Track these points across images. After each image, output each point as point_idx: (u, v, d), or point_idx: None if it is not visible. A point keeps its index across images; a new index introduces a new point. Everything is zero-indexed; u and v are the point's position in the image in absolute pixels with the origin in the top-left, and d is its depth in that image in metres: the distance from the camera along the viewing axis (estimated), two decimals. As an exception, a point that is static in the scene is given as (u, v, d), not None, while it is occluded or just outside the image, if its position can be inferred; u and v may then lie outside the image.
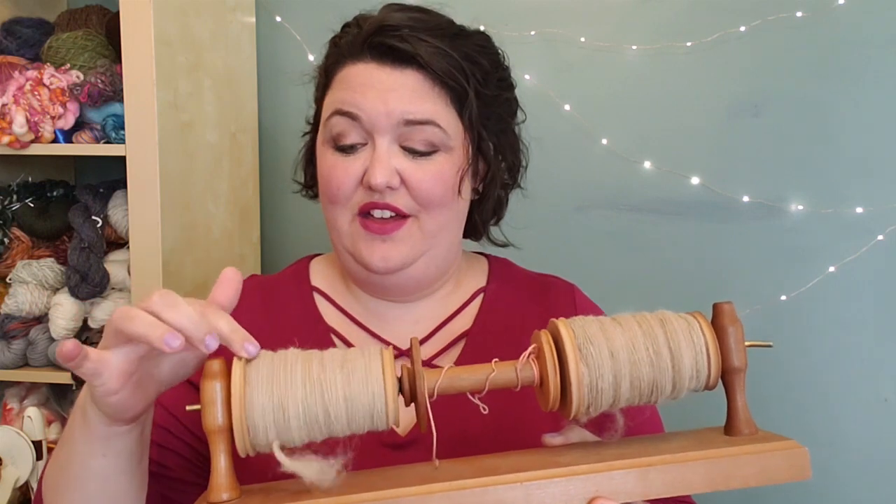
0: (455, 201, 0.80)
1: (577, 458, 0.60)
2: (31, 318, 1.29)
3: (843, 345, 1.41)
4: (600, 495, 0.57)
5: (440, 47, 0.77)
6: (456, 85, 0.78)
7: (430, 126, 0.77)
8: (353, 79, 0.78)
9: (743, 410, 0.63)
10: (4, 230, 1.32)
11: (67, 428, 0.66)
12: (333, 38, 0.84)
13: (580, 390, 0.59)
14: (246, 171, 1.47)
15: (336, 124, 0.78)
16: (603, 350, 0.59)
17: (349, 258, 0.81)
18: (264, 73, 1.53)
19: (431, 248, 0.80)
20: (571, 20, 1.45)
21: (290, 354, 0.59)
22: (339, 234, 0.80)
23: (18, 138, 1.18)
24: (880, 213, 1.38)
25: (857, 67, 1.38)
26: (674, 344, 0.60)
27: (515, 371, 0.61)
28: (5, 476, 1.05)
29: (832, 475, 1.43)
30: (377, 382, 0.57)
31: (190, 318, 0.56)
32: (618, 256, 1.46)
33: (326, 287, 0.88)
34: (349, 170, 0.77)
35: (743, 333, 0.62)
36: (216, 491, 0.57)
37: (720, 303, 0.63)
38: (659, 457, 0.59)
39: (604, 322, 0.62)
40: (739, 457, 0.58)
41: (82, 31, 1.29)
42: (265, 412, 0.56)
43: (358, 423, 0.58)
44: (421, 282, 0.83)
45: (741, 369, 0.62)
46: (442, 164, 0.78)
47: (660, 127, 1.44)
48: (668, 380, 0.60)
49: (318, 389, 0.57)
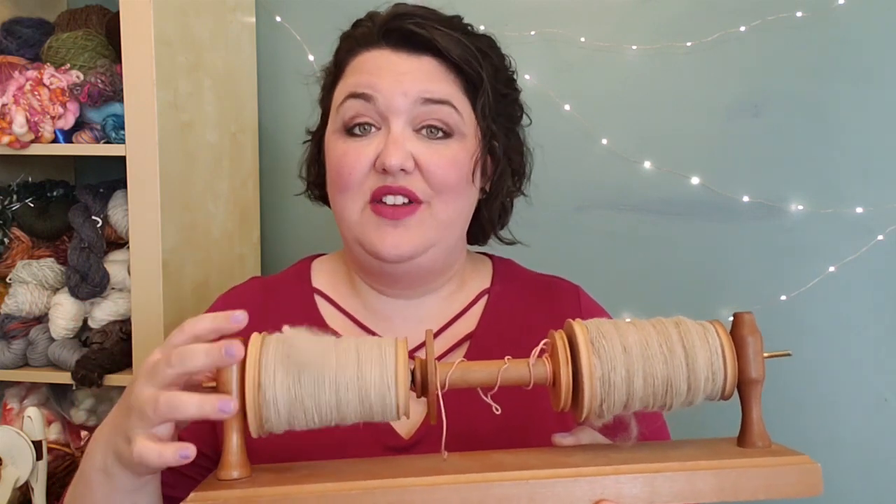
0: (468, 190, 0.80)
1: (584, 459, 0.60)
2: (31, 318, 1.29)
3: (843, 345, 1.41)
4: (605, 499, 0.57)
5: (455, 35, 0.78)
6: (471, 71, 0.78)
7: (447, 106, 0.77)
8: (367, 63, 0.78)
9: (758, 423, 0.63)
10: (4, 230, 1.32)
11: (84, 489, 0.66)
12: (345, 33, 0.84)
13: (592, 383, 0.58)
14: (246, 171, 1.47)
15: (349, 108, 0.77)
16: (616, 345, 0.59)
17: (359, 249, 0.79)
18: (264, 73, 1.53)
19: (442, 239, 0.79)
20: (571, 20, 1.45)
21: (305, 339, 0.59)
22: (349, 224, 0.79)
23: (18, 138, 1.18)
24: (880, 213, 1.38)
25: (857, 67, 1.38)
26: (688, 343, 0.60)
27: (528, 367, 0.61)
28: (5, 476, 1.05)
29: (832, 475, 1.42)
30: (390, 371, 0.58)
31: (210, 356, 0.57)
32: (618, 256, 1.46)
33: (328, 288, 0.88)
34: (361, 154, 0.76)
35: (762, 345, 0.62)
36: (227, 469, 0.58)
37: (741, 313, 0.62)
38: (667, 463, 0.58)
39: (618, 322, 0.62)
40: (750, 469, 0.58)
41: (82, 31, 1.29)
42: (277, 396, 0.57)
43: (368, 411, 0.58)
44: (429, 273, 0.83)
45: (759, 381, 0.61)
46: (456, 150, 0.78)
47: (660, 127, 1.44)
48: (682, 379, 0.59)
49: (332, 376, 0.57)
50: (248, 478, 0.59)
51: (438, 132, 0.77)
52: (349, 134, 0.77)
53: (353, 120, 0.77)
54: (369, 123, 0.76)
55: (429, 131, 0.77)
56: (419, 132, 0.77)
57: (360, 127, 0.77)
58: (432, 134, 0.77)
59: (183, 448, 0.56)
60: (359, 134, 0.77)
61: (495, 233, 0.91)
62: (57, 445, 1.23)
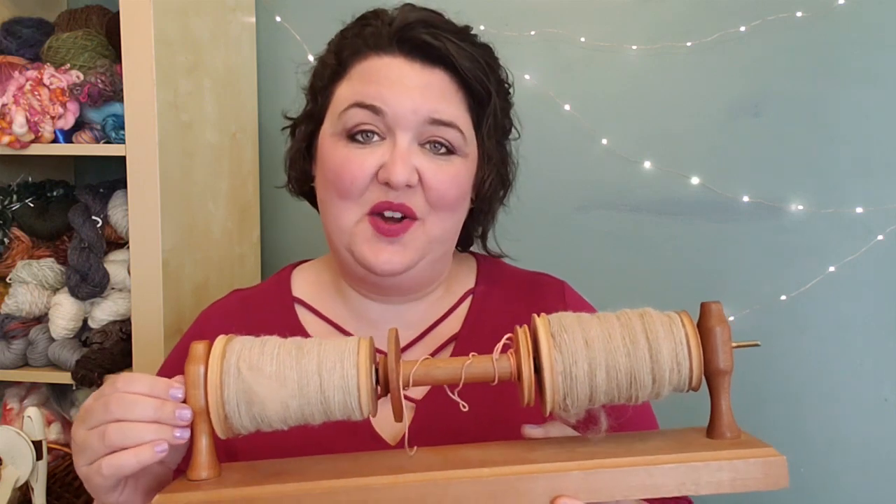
0: (463, 206, 0.80)
1: (548, 455, 0.60)
2: (31, 318, 1.29)
3: (843, 345, 1.41)
4: (564, 494, 0.57)
5: (467, 49, 0.77)
6: (481, 89, 0.78)
7: (453, 129, 0.76)
8: (378, 71, 0.76)
9: (727, 414, 0.62)
10: (4, 230, 1.32)
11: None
12: (349, 29, 0.81)
13: (553, 377, 0.58)
14: (246, 171, 1.47)
15: (354, 115, 0.75)
16: (577, 338, 0.59)
17: (348, 256, 0.78)
18: (264, 74, 1.53)
19: (431, 252, 0.79)
20: (571, 20, 1.45)
21: (270, 341, 0.60)
22: (341, 231, 0.78)
23: (18, 138, 1.18)
24: (880, 213, 1.39)
25: (857, 67, 1.38)
26: (651, 334, 0.60)
27: (492, 362, 0.61)
28: (5, 476, 1.05)
29: (832, 475, 1.42)
30: (351, 370, 0.58)
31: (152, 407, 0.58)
32: (618, 256, 1.46)
33: (310, 296, 0.87)
34: (364, 163, 0.74)
35: (730, 335, 0.61)
36: (196, 469, 0.59)
37: (707, 302, 0.62)
38: (628, 458, 0.58)
39: (582, 315, 0.62)
40: (712, 462, 0.57)
41: (82, 31, 1.29)
42: (239, 398, 0.58)
43: (332, 411, 0.59)
44: (417, 283, 0.83)
45: (727, 371, 0.61)
46: (459, 168, 0.77)
47: (660, 127, 1.44)
48: (646, 371, 0.59)
49: (294, 376, 0.58)
50: (216, 478, 0.60)
51: (442, 148, 0.77)
52: (350, 139, 0.76)
53: (357, 128, 0.75)
54: (373, 132, 0.75)
55: (432, 146, 0.76)
56: (423, 146, 0.76)
57: (363, 134, 0.75)
58: (436, 149, 0.76)
59: (157, 443, 0.57)
60: (361, 141, 0.76)
61: (484, 243, 0.90)
62: (57, 445, 1.22)
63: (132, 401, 0.58)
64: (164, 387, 0.59)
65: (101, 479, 0.58)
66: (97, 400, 0.60)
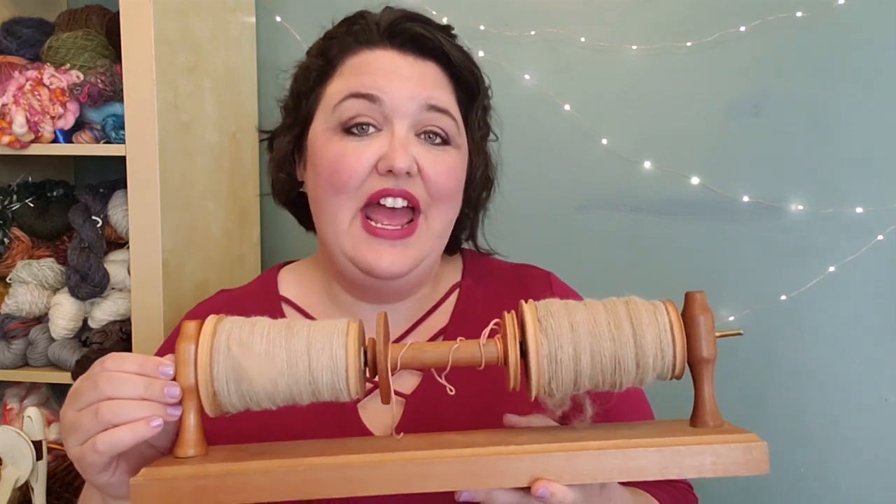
0: (459, 199, 0.81)
1: (532, 439, 0.61)
2: (31, 318, 1.29)
3: (843, 345, 1.41)
4: (545, 476, 0.57)
5: (456, 43, 0.79)
6: (471, 79, 0.79)
7: (448, 117, 0.77)
8: (371, 63, 0.76)
9: (710, 401, 0.62)
10: (4, 230, 1.32)
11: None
12: (336, 31, 0.82)
13: (538, 360, 0.59)
14: (246, 171, 1.47)
15: (350, 107, 0.75)
16: (563, 322, 0.60)
17: (345, 261, 0.77)
18: (264, 74, 1.53)
19: (432, 250, 0.79)
20: (571, 20, 1.45)
21: (260, 321, 0.62)
22: (337, 231, 0.76)
23: (18, 138, 1.18)
24: (880, 213, 1.39)
25: (857, 67, 1.38)
26: (636, 320, 0.60)
27: (479, 347, 0.61)
28: (5, 476, 1.05)
29: (832, 475, 1.42)
30: (340, 350, 0.59)
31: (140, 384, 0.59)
32: (618, 256, 1.46)
33: (297, 296, 0.86)
34: (362, 155, 0.74)
35: (713, 323, 0.62)
36: (183, 447, 0.60)
37: (692, 292, 0.62)
38: (611, 441, 0.59)
39: (569, 302, 0.63)
40: (693, 446, 0.58)
41: (82, 31, 1.29)
42: (228, 375, 0.58)
43: (320, 391, 0.60)
44: (413, 285, 0.83)
45: (710, 360, 0.61)
46: (454, 159, 0.78)
47: (660, 127, 1.44)
48: (630, 356, 0.60)
49: (282, 356, 0.59)
50: (203, 455, 0.60)
51: (437, 138, 0.77)
52: (346, 132, 0.75)
53: (353, 120, 0.75)
54: (368, 124, 0.75)
55: (427, 136, 0.76)
56: (419, 136, 0.76)
57: (359, 127, 0.75)
58: (431, 139, 0.77)
59: (152, 418, 0.58)
60: (357, 133, 0.75)
61: (475, 242, 0.91)
62: (57, 445, 1.22)
63: (122, 379, 0.59)
64: (154, 365, 0.60)
65: (96, 456, 0.58)
66: (86, 380, 0.61)
